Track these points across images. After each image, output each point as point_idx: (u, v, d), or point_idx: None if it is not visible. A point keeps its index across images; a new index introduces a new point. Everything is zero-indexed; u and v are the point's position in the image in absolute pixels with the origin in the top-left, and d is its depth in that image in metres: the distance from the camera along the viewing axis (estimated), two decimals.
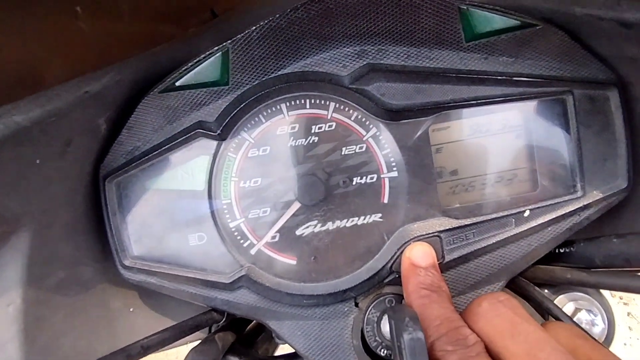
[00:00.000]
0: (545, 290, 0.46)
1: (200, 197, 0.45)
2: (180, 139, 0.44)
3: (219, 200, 0.45)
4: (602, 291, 0.46)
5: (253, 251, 0.45)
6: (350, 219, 0.45)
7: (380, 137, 0.44)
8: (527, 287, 0.45)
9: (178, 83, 0.42)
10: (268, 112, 0.45)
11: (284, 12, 0.40)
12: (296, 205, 0.45)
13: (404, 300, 0.40)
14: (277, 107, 0.44)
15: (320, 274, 0.45)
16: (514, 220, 0.43)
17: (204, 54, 0.41)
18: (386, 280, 0.44)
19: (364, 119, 0.44)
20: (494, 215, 0.43)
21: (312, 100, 0.44)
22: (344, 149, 0.45)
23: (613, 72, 0.41)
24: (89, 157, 0.43)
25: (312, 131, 0.45)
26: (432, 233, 0.43)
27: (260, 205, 0.45)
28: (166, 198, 0.46)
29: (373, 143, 0.44)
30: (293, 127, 0.45)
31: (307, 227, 0.45)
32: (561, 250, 0.44)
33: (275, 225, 0.45)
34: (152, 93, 0.43)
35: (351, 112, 0.44)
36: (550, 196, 0.44)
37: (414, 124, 0.44)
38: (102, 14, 0.35)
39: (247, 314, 0.46)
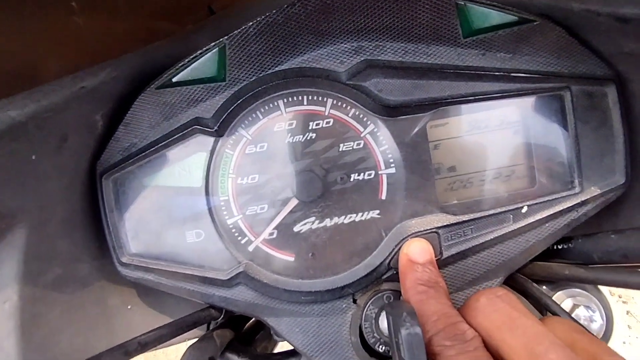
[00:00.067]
0: (544, 287, 0.46)
1: (197, 194, 0.45)
2: (177, 136, 0.44)
3: (217, 197, 0.45)
4: (601, 288, 0.46)
5: (251, 248, 0.45)
6: (348, 216, 0.45)
7: (378, 134, 0.44)
8: (525, 284, 0.45)
9: (175, 79, 0.42)
10: (265, 108, 0.44)
11: (281, 8, 0.40)
12: (294, 202, 0.45)
13: (401, 297, 0.40)
14: (275, 103, 0.44)
15: (318, 271, 0.45)
16: (511, 216, 0.43)
17: (201, 50, 0.41)
18: (384, 277, 0.44)
19: (361, 115, 0.44)
20: (491, 212, 0.43)
21: (310, 97, 0.44)
22: (341, 145, 0.44)
23: (611, 67, 0.41)
24: (85, 154, 0.43)
25: (310, 127, 0.44)
26: (430, 229, 0.43)
27: (257, 201, 0.45)
28: (163, 195, 0.45)
29: (370, 139, 0.44)
30: (290, 124, 0.45)
31: (305, 224, 0.45)
32: (559, 247, 0.44)
33: (273, 222, 0.45)
34: (149, 89, 0.42)
35: (349, 108, 0.44)
36: (548, 192, 0.43)
37: (412, 120, 0.44)
38: (99, 9, 0.35)
39: (245, 310, 0.45)
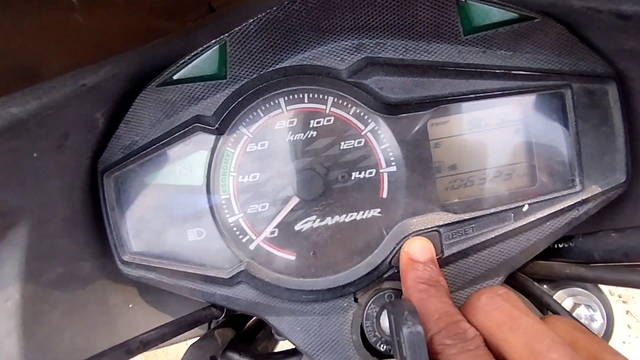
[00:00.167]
0: (544, 286, 0.46)
1: (198, 192, 0.45)
2: (178, 134, 0.44)
3: (218, 195, 0.45)
4: (601, 287, 0.46)
5: (252, 246, 0.45)
6: (349, 214, 0.45)
7: (379, 132, 0.44)
8: (526, 283, 0.45)
9: (176, 77, 0.42)
10: (266, 106, 0.44)
11: (282, 5, 0.40)
12: (295, 200, 0.45)
13: (403, 295, 0.40)
14: (275, 101, 0.44)
15: (319, 269, 0.45)
16: (512, 215, 0.43)
17: (202, 48, 0.41)
18: (385, 275, 0.44)
19: (362, 113, 0.44)
20: (492, 210, 0.43)
21: (311, 95, 0.44)
22: (342, 143, 0.44)
23: (611, 65, 0.41)
24: (86, 151, 0.43)
25: (311, 126, 0.44)
26: (431, 228, 0.43)
27: (258, 200, 0.45)
28: (165, 193, 0.45)
29: (371, 137, 0.44)
30: (291, 122, 0.45)
31: (306, 222, 0.45)
32: (560, 245, 0.44)
33: (274, 221, 0.45)
34: (149, 87, 0.42)
35: (349, 106, 0.44)
36: (548, 191, 0.43)
37: (413, 118, 0.44)
38: (99, 7, 0.35)
39: (246, 309, 0.45)
